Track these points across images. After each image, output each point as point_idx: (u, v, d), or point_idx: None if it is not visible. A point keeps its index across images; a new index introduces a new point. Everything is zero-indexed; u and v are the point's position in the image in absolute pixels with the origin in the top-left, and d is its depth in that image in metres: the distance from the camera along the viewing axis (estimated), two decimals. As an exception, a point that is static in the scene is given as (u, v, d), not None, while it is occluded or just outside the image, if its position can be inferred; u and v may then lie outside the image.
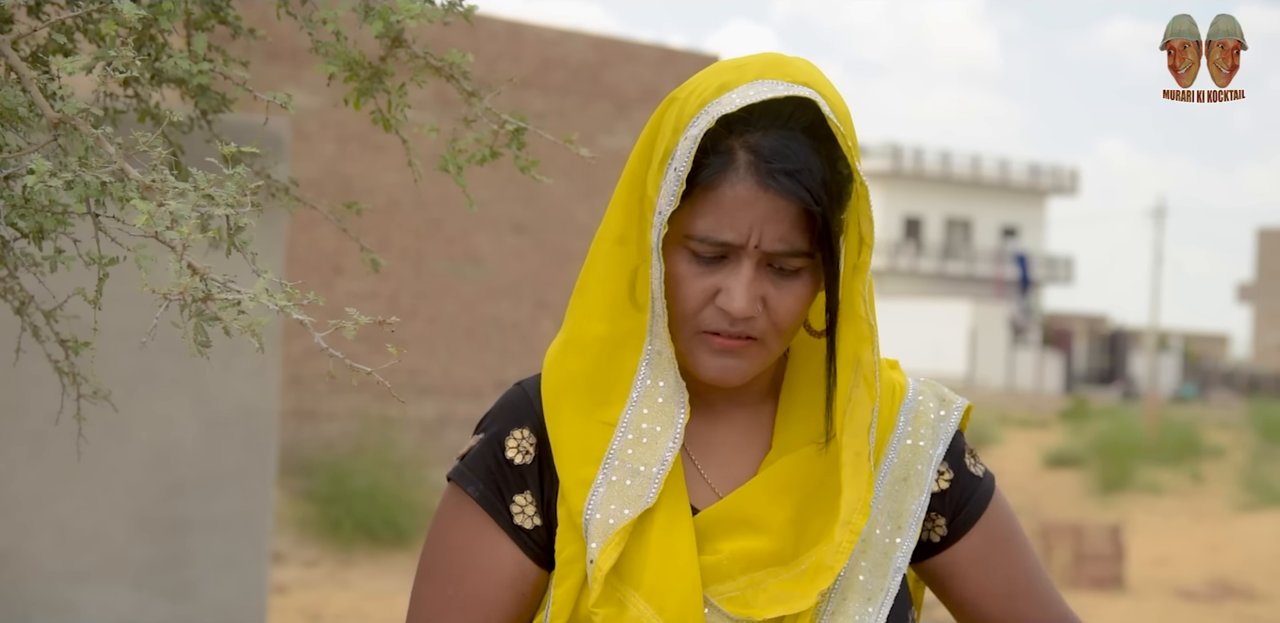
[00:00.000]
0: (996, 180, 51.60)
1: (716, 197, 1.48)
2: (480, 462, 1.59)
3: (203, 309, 1.44)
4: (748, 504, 1.55)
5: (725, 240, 1.48)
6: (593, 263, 1.58)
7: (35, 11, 1.91)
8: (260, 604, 5.13)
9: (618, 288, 1.56)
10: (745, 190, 1.47)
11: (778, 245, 1.48)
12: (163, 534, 5.00)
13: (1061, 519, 14.25)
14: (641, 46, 16.53)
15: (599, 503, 1.51)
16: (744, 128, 1.48)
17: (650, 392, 1.54)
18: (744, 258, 1.49)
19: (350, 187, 13.91)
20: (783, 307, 1.51)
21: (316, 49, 2.06)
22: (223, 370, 5.01)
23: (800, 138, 1.47)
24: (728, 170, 1.47)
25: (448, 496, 1.60)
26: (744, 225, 1.47)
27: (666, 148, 1.51)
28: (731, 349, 1.51)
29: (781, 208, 1.47)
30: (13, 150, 1.61)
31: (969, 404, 1.68)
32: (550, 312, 15.52)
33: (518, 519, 1.56)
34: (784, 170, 1.46)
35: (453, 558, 1.57)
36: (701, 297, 1.51)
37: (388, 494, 12.62)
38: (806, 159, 1.47)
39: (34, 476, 4.81)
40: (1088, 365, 43.19)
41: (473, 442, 1.60)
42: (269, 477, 5.19)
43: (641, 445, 1.53)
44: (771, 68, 1.50)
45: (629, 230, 1.55)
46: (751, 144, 1.47)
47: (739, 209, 1.47)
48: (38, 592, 4.84)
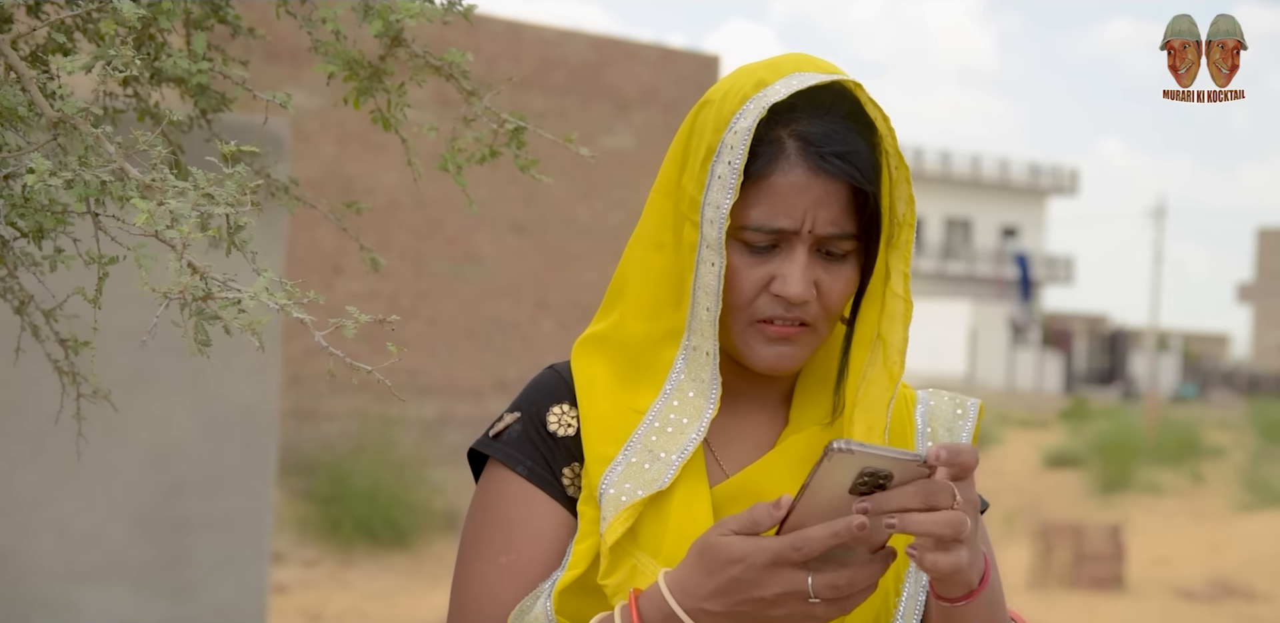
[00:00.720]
0: (996, 180, 51.60)
1: (769, 185, 1.52)
2: (523, 439, 1.61)
3: (203, 308, 1.44)
4: (760, 479, 1.58)
5: (780, 227, 1.52)
6: (628, 266, 1.62)
7: (35, 11, 1.91)
8: (260, 604, 5.13)
9: (656, 290, 1.60)
10: (798, 177, 1.52)
11: (830, 229, 1.53)
12: (163, 534, 5.00)
13: (1061, 519, 14.24)
14: (641, 46, 16.53)
15: (615, 480, 1.55)
16: (789, 117, 1.53)
17: (683, 386, 1.58)
18: (797, 244, 1.53)
19: (350, 186, 13.91)
20: (834, 291, 1.55)
21: (316, 48, 2.06)
22: (223, 370, 5.01)
23: (845, 123, 1.53)
24: (779, 159, 1.52)
25: (492, 475, 1.62)
26: (798, 211, 1.52)
27: (709, 146, 1.55)
28: (786, 336, 1.55)
29: (833, 191, 1.52)
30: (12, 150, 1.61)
31: (981, 403, 1.71)
32: (550, 312, 15.52)
33: (569, 491, 1.60)
34: (835, 153, 1.51)
35: (504, 529, 1.59)
36: (756, 285, 1.55)
37: (388, 494, 12.62)
38: (853, 142, 1.52)
39: (34, 476, 4.81)
40: (1088, 365, 43.20)
41: (509, 420, 1.63)
42: (269, 477, 5.19)
43: (666, 434, 1.57)
44: (805, 63, 1.56)
45: (664, 235, 1.59)
46: (799, 132, 1.52)
47: (792, 195, 1.52)
48: (38, 592, 4.84)
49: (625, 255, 1.63)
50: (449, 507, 13.09)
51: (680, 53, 16.87)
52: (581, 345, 1.64)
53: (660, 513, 1.55)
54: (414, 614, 10.50)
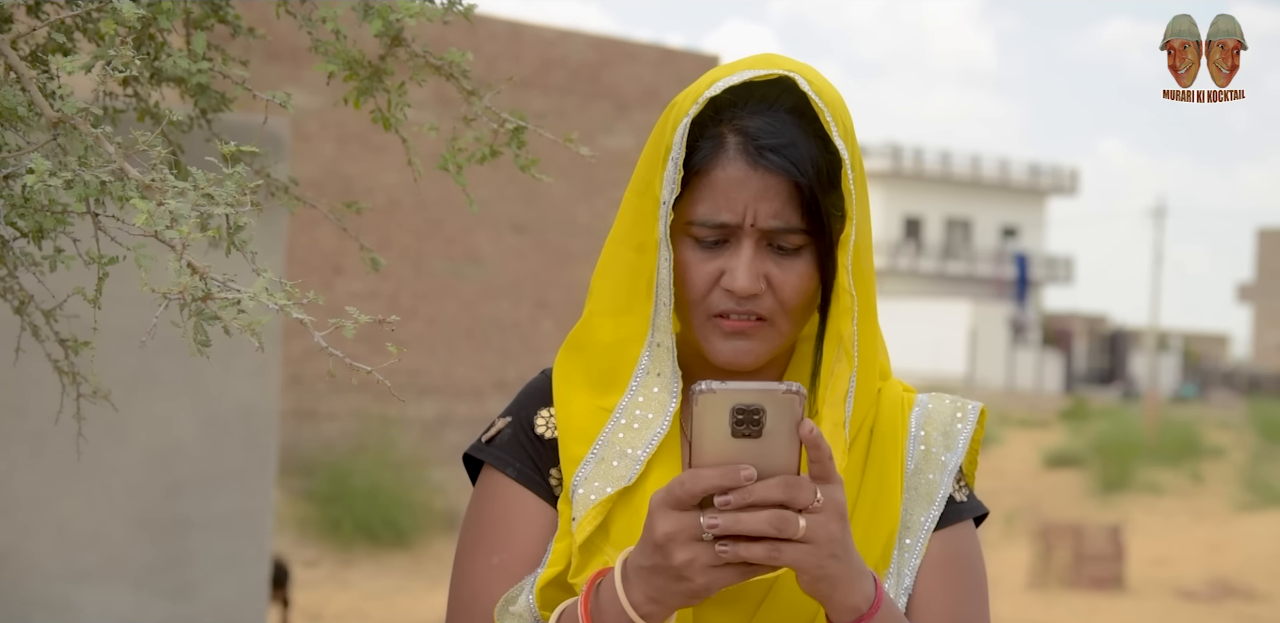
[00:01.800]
0: (996, 180, 51.58)
1: (711, 180, 1.54)
2: (513, 443, 1.64)
3: (202, 308, 1.44)
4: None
5: (723, 221, 1.53)
6: (603, 264, 1.64)
7: (34, 11, 1.91)
8: (260, 604, 5.14)
9: (622, 288, 1.62)
10: (737, 171, 1.53)
11: (773, 222, 1.53)
12: (163, 534, 5.00)
13: (1061, 519, 14.25)
14: (641, 46, 16.53)
15: (584, 479, 1.57)
16: (731, 114, 1.54)
17: (648, 382, 1.60)
18: (743, 238, 1.54)
19: (350, 186, 13.91)
20: (787, 285, 1.55)
21: (316, 48, 2.06)
22: (223, 370, 5.01)
23: (786, 117, 1.53)
24: (718, 153, 1.53)
25: (485, 479, 1.65)
26: (739, 205, 1.53)
27: (667, 144, 1.57)
28: (742, 331, 1.56)
29: (773, 185, 1.52)
30: (12, 150, 1.61)
31: (983, 407, 1.69)
32: (550, 312, 15.52)
33: (557, 491, 1.62)
34: (771, 147, 1.52)
35: (495, 530, 1.61)
36: (708, 280, 1.56)
37: (388, 494, 12.62)
38: (793, 136, 1.53)
39: (34, 476, 4.81)
40: (1088, 365, 43.21)
41: (500, 425, 1.66)
42: (269, 477, 5.19)
43: (632, 431, 1.59)
44: (762, 61, 1.57)
45: (634, 234, 1.61)
46: (739, 127, 1.53)
47: (732, 189, 1.53)
48: (38, 592, 4.84)
49: (602, 253, 1.65)
50: (449, 507, 13.09)
51: (680, 53, 16.88)
52: (562, 348, 1.66)
53: (632, 508, 1.56)
54: (414, 614, 10.50)
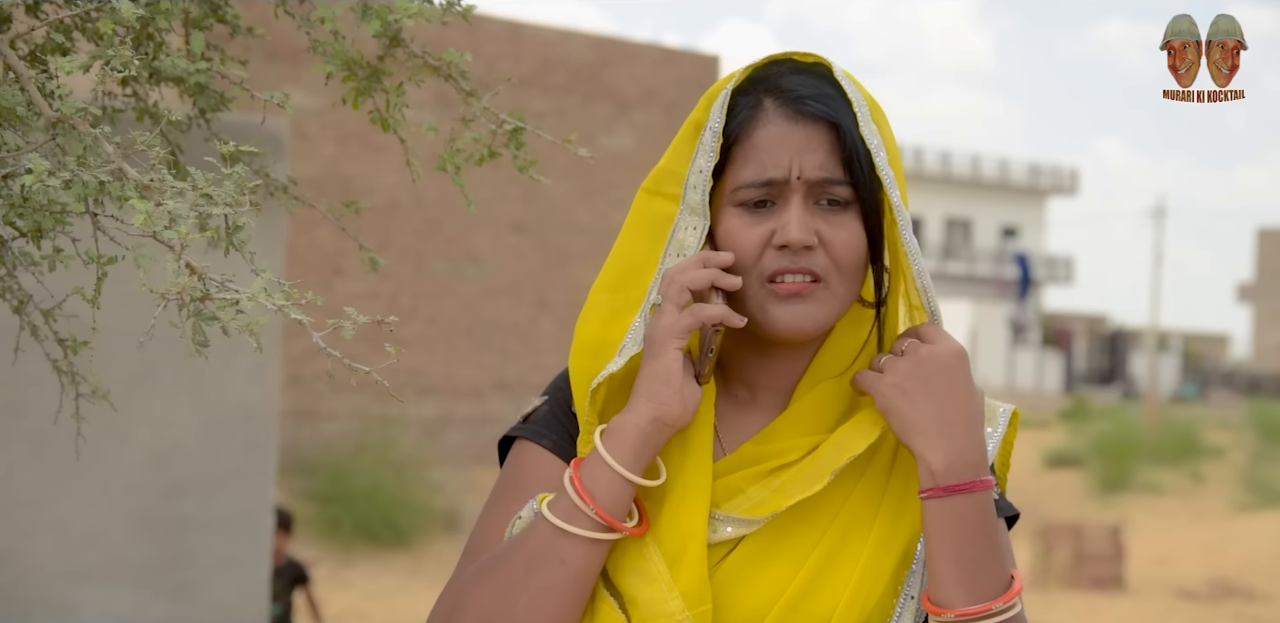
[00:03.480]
0: (996, 180, 51.58)
1: (753, 142, 1.57)
2: (550, 418, 1.67)
3: (201, 309, 1.44)
4: (769, 438, 1.61)
5: (770, 177, 1.55)
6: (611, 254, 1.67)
7: (33, 10, 1.91)
8: (260, 604, 5.13)
9: (624, 266, 1.63)
10: (778, 127, 1.56)
11: (819, 172, 1.55)
12: (163, 534, 4.99)
13: (1061, 519, 14.25)
14: (641, 46, 16.53)
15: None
16: (765, 84, 1.58)
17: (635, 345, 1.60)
18: (790, 194, 1.56)
19: (350, 187, 13.91)
20: (839, 240, 1.57)
21: (314, 48, 2.06)
22: (223, 370, 5.01)
23: (820, 80, 1.58)
24: (757, 114, 1.57)
25: (517, 448, 1.67)
26: (784, 159, 1.55)
27: (696, 124, 1.60)
28: (799, 292, 1.56)
29: (814, 136, 1.56)
30: (11, 149, 1.60)
31: (1015, 410, 1.68)
32: (550, 311, 15.52)
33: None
34: (810, 96, 1.55)
35: (520, 487, 1.63)
36: (759, 242, 1.57)
37: (388, 494, 12.62)
38: (828, 90, 1.57)
39: (34, 476, 4.81)
40: (1088, 365, 43.21)
41: (537, 403, 1.69)
42: (269, 477, 5.19)
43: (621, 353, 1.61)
44: (785, 52, 1.62)
45: (642, 221, 1.63)
46: (774, 88, 1.58)
47: (775, 146, 1.56)
48: (38, 592, 4.83)
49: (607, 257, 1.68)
50: (449, 507, 13.09)
51: (680, 53, 16.88)
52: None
53: (660, 490, 1.57)
54: (414, 614, 10.50)
